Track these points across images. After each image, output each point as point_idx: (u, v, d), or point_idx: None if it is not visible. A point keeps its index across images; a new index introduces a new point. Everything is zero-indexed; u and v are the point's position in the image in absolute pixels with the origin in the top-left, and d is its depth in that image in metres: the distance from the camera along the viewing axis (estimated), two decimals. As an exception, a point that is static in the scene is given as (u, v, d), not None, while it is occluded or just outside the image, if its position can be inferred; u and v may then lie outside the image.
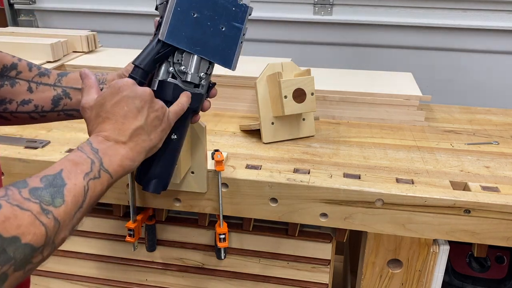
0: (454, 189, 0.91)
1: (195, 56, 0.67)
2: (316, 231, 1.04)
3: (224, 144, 1.10)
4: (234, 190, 0.94)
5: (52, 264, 1.18)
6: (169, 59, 0.68)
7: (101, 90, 0.66)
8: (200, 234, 1.07)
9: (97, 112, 0.62)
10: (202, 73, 0.69)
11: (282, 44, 1.87)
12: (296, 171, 0.96)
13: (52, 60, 1.37)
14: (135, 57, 0.67)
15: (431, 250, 0.96)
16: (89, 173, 0.55)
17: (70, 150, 1.02)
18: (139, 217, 1.01)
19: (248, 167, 0.98)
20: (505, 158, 1.06)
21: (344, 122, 1.26)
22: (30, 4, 2.00)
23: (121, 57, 1.44)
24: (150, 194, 0.98)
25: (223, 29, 0.67)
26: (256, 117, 1.17)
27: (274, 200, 0.93)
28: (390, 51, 1.81)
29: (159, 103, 0.64)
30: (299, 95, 1.07)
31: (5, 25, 2.02)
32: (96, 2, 1.95)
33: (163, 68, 0.68)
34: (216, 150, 0.94)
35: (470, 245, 1.02)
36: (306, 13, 1.80)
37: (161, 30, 0.66)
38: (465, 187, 0.94)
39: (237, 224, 1.04)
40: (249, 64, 1.39)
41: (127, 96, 0.61)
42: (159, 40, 0.66)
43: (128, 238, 1.00)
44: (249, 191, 0.93)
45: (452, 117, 1.32)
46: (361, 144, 1.12)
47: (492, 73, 1.77)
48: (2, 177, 1.01)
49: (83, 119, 0.67)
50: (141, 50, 0.67)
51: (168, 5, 0.66)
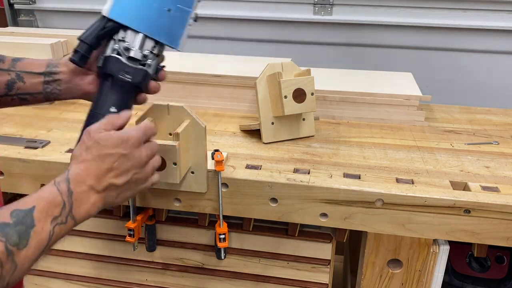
0: (454, 189, 0.91)
1: (140, 34, 0.69)
2: (316, 231, 1.04)
3: (224, 144, 1.10)
4: (234, 190, 0.94)
5: (52, 264, 1.18)
6: (114, 37, 0.70)
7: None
8: (200, 234, 1.07)
9: (94, 146, 0.62)
10: (147, 51, 0.70)
11: (282, 44, 1.87)
12: (296, 171, 0.96)
13: (52, 60, 1.36)
14: None
15: (431, 250, 0.96)
16: (57, 218, 0.55)
17: (70, 150, 1.02)
18: (139, 217, 1.01)
19: (248, 167, 0.98)
20: (505, 158, 1.06)
21: (344, 122, 1.26)
22: (30, 4, 2.00)
23: (121, 57, 1.44)
24: (150, 194, 0.98)
25: (170, 11, 0.69)
26: (256, 117, 1.17)
27: (274, 200, 0.93)
28: (390, 51, 1.81)
29: (148, 167, 0.67)
30: (299, 95, 1.07)
31: (5, 25, 2.02)
32: (96, 2, 1.94)
33: (109, 45, 0.70)
34: (216, 150, 0.94)
35: (470, 245, 1.02)
36: (306, 13, 1.80)
37: (105, 7, 0.69)
38: (465, 187, 0.94)
39: (237, 224, 1.04)
40: (249, 64, 1.39)
41: (123, 155, 0.63)
42: (103, 16, 0.69)
43: (128, 238, 1.00)
44: (249, 191, 0.93)
45: (452, 117, 1.32)
46: (361, 144, 1.12)
47: (492, 73, 1.77)
48: (1, 177, 1.01)
49: (82, 121, 0.67)
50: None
51: None
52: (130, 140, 0.64)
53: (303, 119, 1.14)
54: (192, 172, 0.93)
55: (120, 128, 0.66)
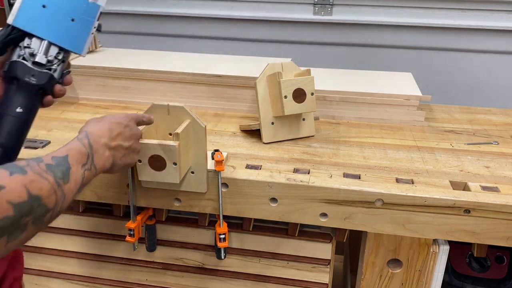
0: (454, 189, 0.91)
1: (45, 40, 0.73)
2: (316, 231, 1.04)
3: (224, 144, 1.10)
4: (234, 190, 0.94)
5: (52, 264, 1.18)
6: (20, 44, 0.73)
7: None
8: (200, 234, 1.07)
9: (106, 117, 0.78)
10: (51, 56, 0.74)
11: (282, 44, 1.87)
12: (296, 171, 0.96)
13: (52, 60, 1.36)
14: (135, 57, 0.69)
15: (431, 250, 0.96)
16: (85, 164, 0.67)
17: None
18: (139, 217, 1.01)
19: (248, 167, 0.98)
20: (505, 158, 1.06)
21: (344, 122, 1.26)
22: (30, 4, 2.00)
23: (121, 57, 1.44)
24: (151, 194, 0.98)
25: (74, 20, 0.74)
26: (256, 117, 1.17)
27: (274, 200, 0.94)
28: (390, 51, 1.81)
29: (138, 146, 0.82)
30: (299, 95, 1.07)
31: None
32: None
33: (15, 52, 0.74)
34: (216, 150, 0.94)
35: (470, 245, 1.02)
36: (306, 13, 1.80)
37: (10, 15, 0.72)
38: (465, 187, 0.94)
39: (237, 224, 1.04)
40: (249, 64, 1.39)
41: (128, 125, 0.79)
42: (8, 24, 0.72)
43: (128, 238, 1.00)
44: (249, 191, 0.94)
45: (452, 117, 1.32)
46: (361, 144, 1.12)
47: (492, 73, 1.77)
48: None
49: (82, 121, 0.68)
50: None
51: None
52: (133, 117, 0.81)
53: (303, 119, 1.14)
54: (192, 172, 0.93)
55: None
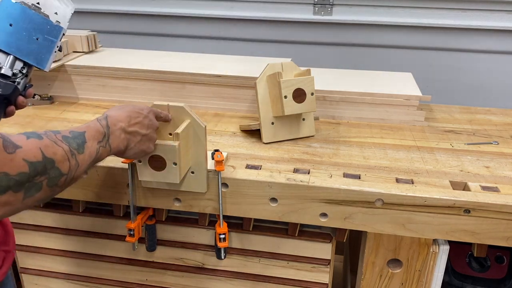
0: (454, 189, 0.91)
1: (10, 55, 0.79)
2: (316, 231, 1.04)
3: (224, 144, 1.10)
4: (234, 190, 0.94)
5: (52, 264, 1.18)
6: None
7: None
8: (200, 234, 1.07)
9: (127, 106, 0.84)
10: (16, 70, 0.80)
11: (282, 44, 1.87)
12: (296, 171, 0.96)
13: (52, 60, 1.37)
14: (135, 57, 0.69)
15: (431, 250, 0.96)
16: (101, 142, 0.74)
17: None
18: (139, 217, 1.01)
19: (248, 167, 0.98)
20: (505, 158, 1.06)
21: (344, 122, 1.26)
22: (30, 4, 2.00)
23: (121, 57, 1.44)
24: (150, 194, 0.98)
25: (38, 39, 0.82)
26: (256, 117, 1.17)
27: (274, 200, 0.94)
28: (390, 51, 1.81)
29: (155, 136, 0.87)
30: (299, 95, 1.07)
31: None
32: (96, 2, 1.95)
33: None
34: (216, 150, 0.94)
35: (470, 245, 1.02)
36: (306, 13, 1.80)
37: None
38: (465, 187, 0.94)
39: (237, 224, 1.04)
40: (249, 64, 1.39)
41: (147, 116, 0.84)
42: None
43: (128, 238, 1.00)
44: (249, 191, 0.94)
45: (452, 117, 1.32)
46: (361, 144, 1.12)
47: (492, 73, 1.77)
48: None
49: (82, 121, 0.69)
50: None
51: None
52: (153, 110, 0.86)
53: (303, 119, 1.14)
54: (192, 172, 0.93)
55: None
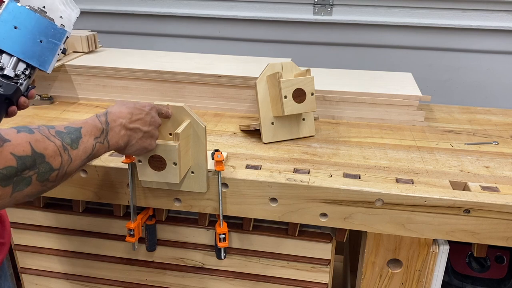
0: (454, 189, 0.91)
1: (14, 57, 0.81)
2: (316, 231, 1.04)
3: (224, 144, 1.10)
4: (234, 190, 0.94)
5: (52, 264, 1.18)
6: None
7: None
8: (200, 234, 1.07)
9: (130, 103, 0.83)
10: (19, 71, 0.81)
11: (282, 44, 1.87)
12: (296, 171, 0.97)
13: (52, 60, 1.36)
14: (135, 57, 0.69)
15: (431, 250, 0.96)
16: (98, 138, 0.73)
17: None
18: (139, 217, 1.01)
19: (248, 167, 0.98)
20: (504, 158, 1.06)
21: (344, 122, 1.26)
22: (30, 4, 2.00)
23: (121, 57, 1.44)
24: (150, 194, 0.98)
25: (42, 42, 0.83)
26: (256, 117, 1.17)
27: (274, 200, 0.94)
28: (390, 51, 1.81)
29: (156, 133, 0.86)
30: (299, 95, 1.07)
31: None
32: (96, 2, 1.95)
33: None
34: (216, 150, 0.94)
35: (470, 245, 1.02)
36: (306, 13, 1.80)
37: None
38: (465, 187, 0.94)
39: (237, 224, 1.04)
40: (249, 64, 1.39)
41: (149, 113, 0.83)
42: None
43: (128, 238, 1.00)
44: (249, 191, 0.94)
45: (452, 117, 1.32)
46: (361, 144, 1.12)
47: (492, 73, 1.77)
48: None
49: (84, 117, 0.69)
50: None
51: None
52: (155, 106, 0.86)
53: (303, 119, 1.14)
54: (192, 172, 0.93)
55: None
